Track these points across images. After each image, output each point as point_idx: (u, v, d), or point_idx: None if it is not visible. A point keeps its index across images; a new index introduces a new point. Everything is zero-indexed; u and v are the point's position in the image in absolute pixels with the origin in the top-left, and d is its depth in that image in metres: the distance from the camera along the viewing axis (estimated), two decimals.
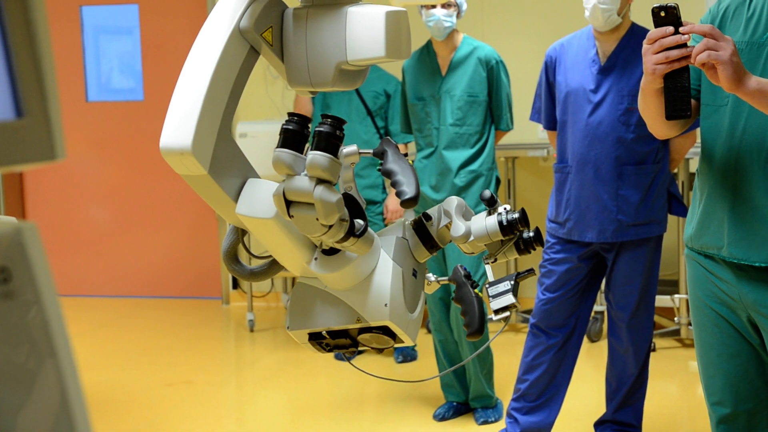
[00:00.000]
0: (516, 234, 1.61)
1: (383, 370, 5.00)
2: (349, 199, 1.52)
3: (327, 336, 1.64)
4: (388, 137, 1.63)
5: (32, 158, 0.66)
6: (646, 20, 4.33)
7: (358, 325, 1.60)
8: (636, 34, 3.56)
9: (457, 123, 4.11)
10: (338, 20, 1.56)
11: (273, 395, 4.74)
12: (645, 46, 2.15)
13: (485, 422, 4.17)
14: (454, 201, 1.64)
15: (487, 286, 1.66)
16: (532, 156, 5.67)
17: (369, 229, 1.53)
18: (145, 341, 5.79)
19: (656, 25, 2.14)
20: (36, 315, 0.66)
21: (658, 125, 2.43)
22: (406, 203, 1.52)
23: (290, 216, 1.48)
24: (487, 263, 1.66)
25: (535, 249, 1.63)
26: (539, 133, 5.73)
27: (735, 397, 2.50)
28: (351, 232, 1.49)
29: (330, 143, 1.45)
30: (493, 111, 4.17)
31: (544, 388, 3.70)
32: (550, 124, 3.76)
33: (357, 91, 5.10)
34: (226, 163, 1.55)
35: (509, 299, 1.63)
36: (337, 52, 1.57)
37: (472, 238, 1.61)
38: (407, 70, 4.29)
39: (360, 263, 1.56)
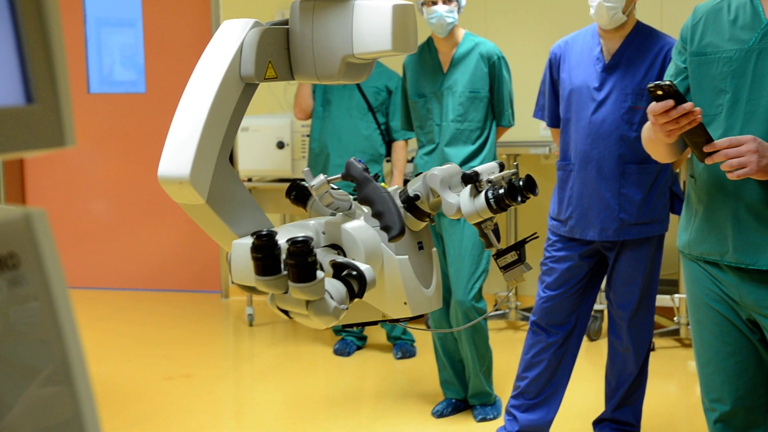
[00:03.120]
0: (506, 207, 1.61)
1: (382, 367, 5.00)
2: (338, 268, 1.51)
3: (356, 327, 1.68)
4: (353, 159, 1.61)
5: (42, 144, 0.65)
6: (651, 18, 4.32)
7: (384, 320, 1.64)
8: (641, 32, 3.56)
9: (458, 119, 4.10)
10: (345, 13, 1.56)
11: (271, 390, 4.73)
12: (651, 117, 2.27)
13: (484, 419, 4.17)
14: (437, 177, 1.63)
15: (494, 256, 1.67)
16: (534, 153, 5.66)
17: (364, 270, 1.50)
18: (144, 334, 5.78)
19: (656, 101, 2.25)
20: (44, 302, 0.65)
21: (661, 158, 2.60)
22: (394, 240, 1.55)
23: (290, 318, 1.49)
24: (488, 230, 1.67)
25: (528, 197, 1.62)
26: (541, 130, 5.73)
27: (734, 394, 2.51)
28: (354, 297, 1.49)
29: (304, 272, 1.39)
30: (495, 107, 4.16)
31: (544, 386, 3.69)
32: (554, 122, 3.75)
33: (358, 86, 5.09)
34: (225, 193, 1.55)
35: (520, 270, 1.67)
36: (343, 45, 1.56)
37: (464, 217, 1.62)
38: (408, 67, 4.27)
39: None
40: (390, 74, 5.15)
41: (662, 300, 5.15)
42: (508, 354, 4.91)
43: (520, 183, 1.61)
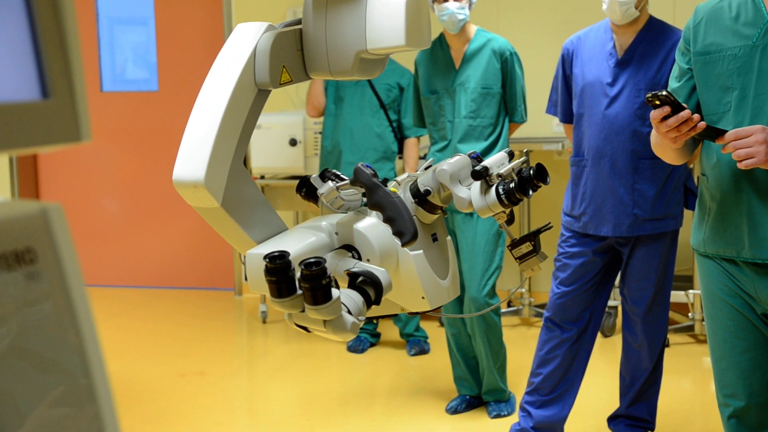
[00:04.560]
0: (517, 201, 1.60)
1: (396, 363, 5.00)
2: (353, 276, 1.51)
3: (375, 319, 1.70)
4: (360, 165, 1.61)
5: (57, 139, 0.65)
6: (663, 13, 4.31)
7: (403, 312, 1.65)
8: (654, 27, 3.54)
9: (471, 115, 4.09)
10: (358, 8, 1.56)
11: (285, 387, 4.74)
12: (654, 124, 2.36)
13: (498, 416, 4.17)
14: (447, 172, 1.62)
15: (509, 247, 1.67)
16: (547, 149, 5.65)
17: (379, 274, 1.50)
18: (158, 332, 5.80)
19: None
20: (61, 297, 0.65)
21: (671, 161, 2.66)
22: (406, 245, 1.56)
23: (309, 332, 1.49)
24: (502, 226, 1.67)
25: (540, 186, 1.61)
26: (554, 126, 5.71)
27: (748, 389, 2.51)
28: (371, 305, 1.49)
29: (319, 294, 1.39)
30: (507, 103, 4.15)
31: (558, 382, 3.68)
32: (567, 117, 3.74)
33: (370, 83, 5.08)
34: (239, 196, 1.55)
35: (536, 260, 1.68)
36: (356, 40, 1.56)
37: (475, 211, 1.62)
38: (420, 64, 4.26)
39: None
40: (402, 71, 5.15)
41: (677, 296, 5.13)
42: (522, 350, 4.90)
43: (531, 172, 1.60)
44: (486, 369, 4.17)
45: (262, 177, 5.69)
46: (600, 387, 4.42)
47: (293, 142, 5.55)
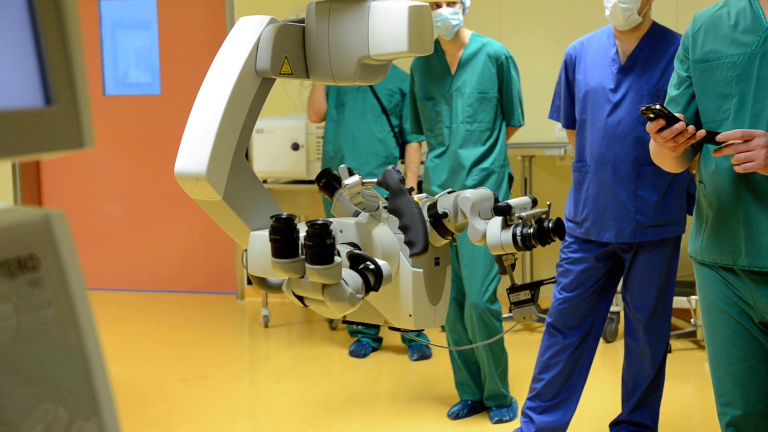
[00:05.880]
0: (531, 247, 1.60)
1: (398, 368, 5.00)
2: (355, 260, 1.51)
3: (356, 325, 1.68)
4: (390, 168, 1.62)
5: (61, 146, 0.65)
6: (666, 19, 4.31)
7: (387, 325, 1.64)
8: (656, 33, 3.54)
9: (468, 120, 4.09)
10: (361, 15, 1.56)
11: (287, 391, 4.73)
12: (651, 135, 2.37)
13: (500, 421, 4.16)
14: (469, 200, 1.63)
15: (508, 290, 1.67)
16: (549, 155, 5.65)
17: (381, 265, 1.50)
18: (160, 336, 5.80)
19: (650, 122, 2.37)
20: (64, 304, 0.65)
21: (670, 168, 2.66)
22: (415, 257, 1.56)
23: (305, 305, 1.49)
24: (507, 269, 1.66)
25: (554, 240, 1.62)
26: (556, 131, 5.71)
27: (745, 398, 2.51)
28: (370, 290, 1.49)
29: (322, 254, 1.39)
30: (504, 107, 4.14)
31: (560, 388, 3.68)
32: (569, 123, 3.74)
33: (372, 88, 5.08)
34: (241, 190, 1.56)
35: (531, 310, 1.67)
36: (359, 46, 1.57)
37: (486, 245, 1.62)
38: (415, 71, 4.26)
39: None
40: (404, 76, 5.15)
41: (679, 302, 5.13)
42: (523, 355, 4.90)
43: (550, 225, 1.60)
44: (488, 374, 4.16)
45: (265, 181, 5.70)
46: (602, 393, 4.42)
47: (296, 147, 5.55)
